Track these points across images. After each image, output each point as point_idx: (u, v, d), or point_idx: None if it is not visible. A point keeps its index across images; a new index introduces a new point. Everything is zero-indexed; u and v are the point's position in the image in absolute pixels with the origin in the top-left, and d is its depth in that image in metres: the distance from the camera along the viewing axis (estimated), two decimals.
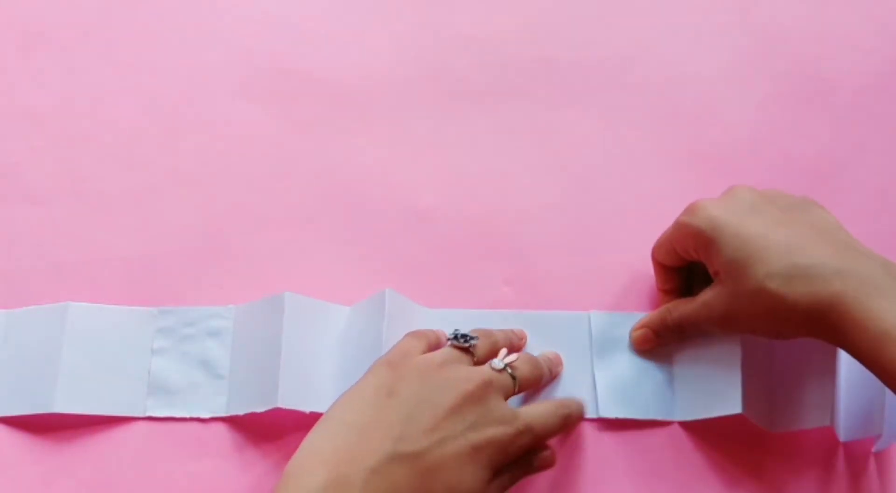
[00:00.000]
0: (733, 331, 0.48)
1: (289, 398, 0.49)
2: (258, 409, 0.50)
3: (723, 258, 0.46)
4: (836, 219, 0.47)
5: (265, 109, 0.59)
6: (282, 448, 0.51)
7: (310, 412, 0.50)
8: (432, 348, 0.48)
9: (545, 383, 0.51)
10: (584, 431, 0.51)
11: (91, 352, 0.52)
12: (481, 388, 0.44)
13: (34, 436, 0.51)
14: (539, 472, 0.47)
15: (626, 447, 0.51)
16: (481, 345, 0.48)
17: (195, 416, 0.51)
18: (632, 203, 0.57)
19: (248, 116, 0.59)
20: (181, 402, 0.52)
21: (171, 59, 0.60)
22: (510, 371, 0.46)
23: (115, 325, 0.53)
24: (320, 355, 0.51)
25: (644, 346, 0.52)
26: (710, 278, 0.48)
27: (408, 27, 0.61)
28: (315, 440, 0.43)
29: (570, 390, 0.51)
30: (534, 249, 0.56)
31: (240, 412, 0.51)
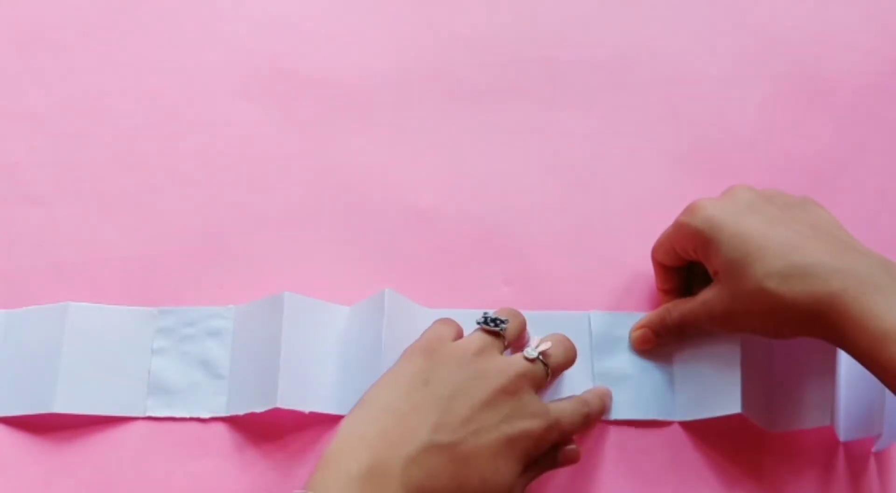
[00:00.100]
0: (733, 330, 0.48)
1: (288, 398, 0.49)
2: (258, 409, 0.50)
3: (722, 258, 0.46)
4: (835, 218, 0.47)
5: (265, 109, 0.59)
6: (282, 448, 0.51)
7: (309, 412, 0.50)
8: (461, 335, 0.48)
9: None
10: (585, 432, 0.51)
11: (91, 352, 0.52)
12: (515, 382, 0.44)
13: (34, 436, 0.51)
14: (564, 466, 0.47)
15: (626, 447, 0.51)
16: (511, 327, 0.48)
17: (195, 416, 0.51)
18: (632, 203, 0.57)
19: (248, 116, 0.59)
20: (181, 402, 0.52)
21: (171, 59, 0.60)
22: (542, 359, 0.46)
23: (115, 325, 0.53)
24: (320, 356, 0.51)
25: (644, 346, 0.52)
26: (709, 278, 0.48)
27: (408, 27, 0.61)
28: (354, 425, 0.43)
29: (569, 391, 0.51)
30: (534, 249, 0.56)
31: (240, 412, 0.51)
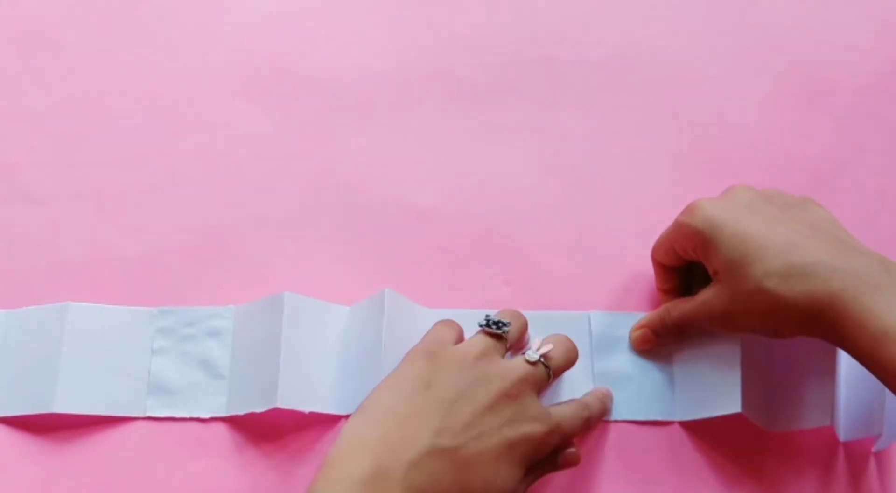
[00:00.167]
0: (732, 330, 0.48)
1: (288, 398, 0.49)
2: (258, 409, 0.50)
3: (721, 258, 0.46)
4: (834, 218, 0.47)
5: (265, 109, 0.59)
6: (282, 448, 0.51)
7: (309, 412, 0.50)
8: (462, 337, 0.48)
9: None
10: (586, 435, 0.51)
11: (91, 352, 0.52)
12: (517, 386, 0.45)
13: (34, 436, 0.51)
14: (564, 469, 0.47)
15: (626, 447, 0.51)
16: (513, 329, 0.48)
17: (195, 416, 0.51)
18: (631, 203, 0.57)
19: (248, 116, 0.59)
20: (181, 402, 0.52)
21: (171, 59, 0.60)
22: (544, 362, 0.46)
23: (115, 325, 0.53)
24: (320, 356, 0.51)
25: (644, 346, 0.52)
26: (709, 278, 0.48)
27: (408, 27, 0.61)
28: (356, 429, 0.43)
29: (569, 391, 0.51)
30: (534, 249, 0.56)
31: (240, 412, 0.51)
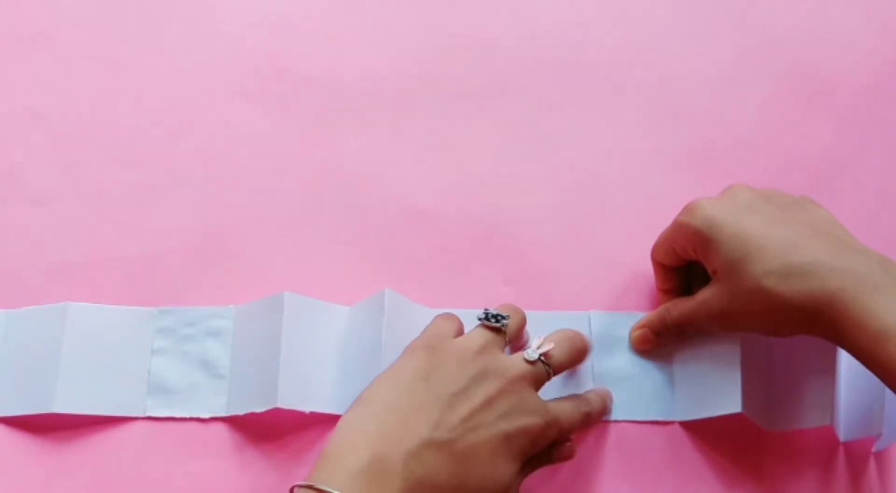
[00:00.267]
0: (732, 329, 0.48)
1: (288, 398, 0.49)
2: (258, 409, 0.50)
3: (720, 257, 0.46)
4: (834, 217, 0.47)
5: (265, 109, 0.59)
6: (282, 448, 0.51)
7: (310, 412, 0.50)
8: (462, 330, 0.48)
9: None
10: (584, 431, 0.51)
11: (91, 352, 0.52)
12: (515, 382, 0.45)
13: (34, 436, 0.51)
14: (559, 462, 0.47)
15: (626, 447, 0.51)
16: (512, 323, 0.48)
17: (195, 416, 0.51)
18: (632, 203, 0.57)
19: (248, 116, 0.59)
20: (181, 402, 0.52)
21: (171, 59, 0.60)
22: (543, 360, 0.46)
23: (115, 325, 0.53)
24: (320, 356, 0.51)
25: (644, 346, 0.52)
26: (709, 278, 0.48)
27: (408, 27, 0.61)
28: (355, 420, 0.43)
29: (569, 391, 0.51)
30: (534, 249, 0.56)
31: (240, 412, 0.51)
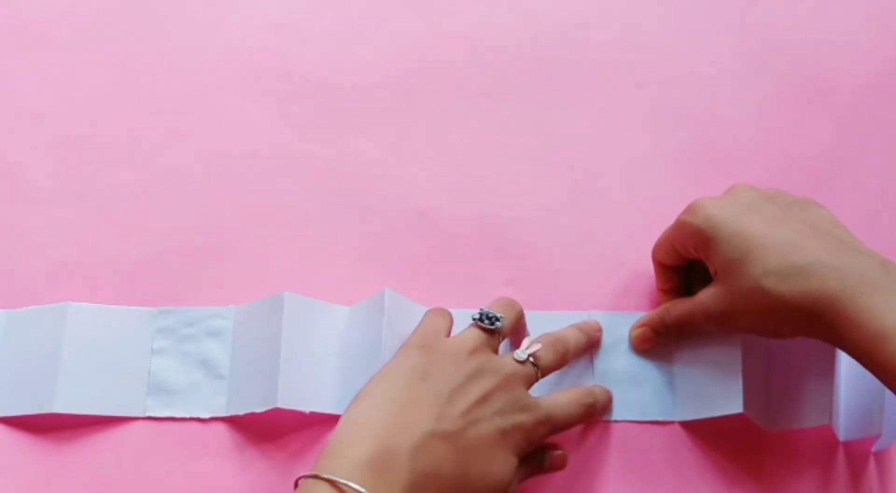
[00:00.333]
0: (732, 330, 0.48)
1: (288, 398, 0.49)
2: (258, 409, 0.50)
3: (721, 257, 0.46)
4: (836, 218, 0.47)
5: (265, 109, 0.59)
6: (282, 448, 0.51)
7: (310, 412, 0.50)
8: (452, 325, 0.49)
9: (586, 350, 0.51)
10: (584, 432, 0.51)
11: (91, 352, 0.52)
12: (507, 381, 0.45)
13: (34, 436, 0.51)
14: (552, 472, 0.47)
15: (627, 447, 0.51)
16: (507, 323, 0.48)
17: (195, 416, 0.51)
18: (632, 203, 0.57)
19: (248, 116, 0.59)
20: (181, 402, 0.52)
21: (172, 59, 0.60)
22: (532, 361, 0.47)
23: (114, 325, 0.53)
24: (320, 355, 0.51)
25: (643, 345, 0.52)
26: (710, 278, 0.48)
27: (408, 27, 0.61)
28: (358, 413, 0.43)
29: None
30: (534, 249, 0.56)
31: (240, 412, 0.51)
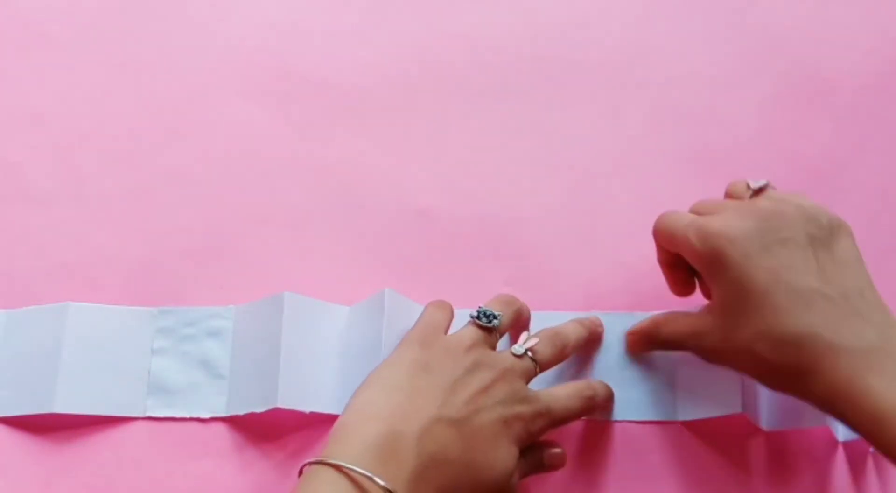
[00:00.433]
0: (721, 365, 0.47)
1: (289, 398, 0.49)
2: (258, 409, 0.50)
3: (719, 297, 0.45)
4: (857, 253, 0.44)
5: (265, 109, 0.59)
6: (282, 448, 0.51)
7: (310, 412, 0.50)
8: (452, 317, 0.49)
9: (587, 344, 0.51)
10: (585, 431, 0.51)
11: (91, 352, 0.52)
12: (506, 373, 0.46)
13: (34, 436, 0.51)
14: (550, 470, 0.48)
15: (627, 447, 0.51)
16: (504, 320, 0.49)
17: (195, 416, 0.51)
18: (632, 203, 0.57)
19: (249, 115, 0.59)
20: (181, 402, 0.52)
21: (172, 59, 0.60)
22: (530, 355, 0.47)
23: (115, 325, 0.53)
24: (320, 355, 0.51)
25: (634, 351, 0.52)
26: None
27: (408, 27, 0.61)
28: (363, 400, 0.43)
29: None
30: (534, 249, 0.56)
31: (240, 412, 0.51)
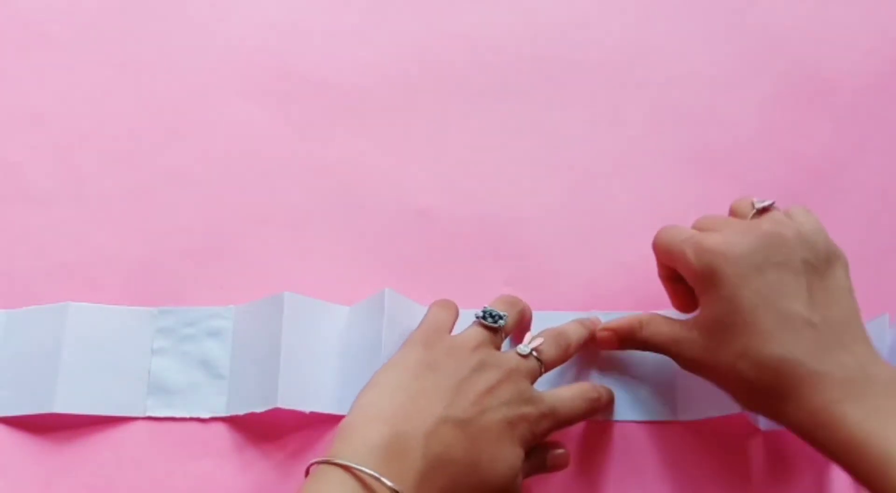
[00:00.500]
0: (700, 376, 0.47)
1: (289, 398, 0.49)
2: (258, 409, 0.50)
3: (707, 311, 0.45)
4: (849, 283, 0.45)
5: (265, 109, 0.59)
6: (282, 448, 0.51)
7: (310, 412, 0.50)
8: (457, 316, 0.50)
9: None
10: (585, 432, 0.51)
11: (91, 352, 0.52)
12: (511, 374, 0.46)
13: (34, 436, 0.51)
14: (554, 471, 0.48)
15: (627, 447, 0.51)
16: (509, 321, 0.49)
17: (195, 416, 0.51)
18: (632, 203, 0.57)
19: (249, 116, 0.59)
20: (181, 402, 0.52)
21: (172, 59, 0.60)
22: (535, 355, 0.47)
23: (115, 325, 0.53)
24: (320, 355, 0.51)
25: (605, 348, 0.51)
26: None
27: (408, 27, 0.61)
28: (371, 399, 0.43)
29: None
30: (534, 249, 0.56)
31: (240, 412, 0.51)
